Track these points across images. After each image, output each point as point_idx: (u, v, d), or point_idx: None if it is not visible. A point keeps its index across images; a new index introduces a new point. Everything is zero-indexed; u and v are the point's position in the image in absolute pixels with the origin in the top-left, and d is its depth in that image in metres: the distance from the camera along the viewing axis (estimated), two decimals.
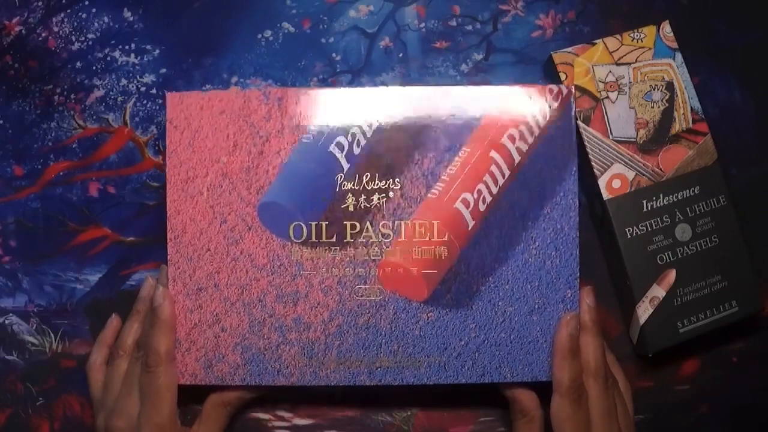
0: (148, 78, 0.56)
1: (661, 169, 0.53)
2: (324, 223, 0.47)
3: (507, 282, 0.48)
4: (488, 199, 0.48)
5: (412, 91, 0.48)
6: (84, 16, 0.57)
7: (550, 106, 0.48)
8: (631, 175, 0.52)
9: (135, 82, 0.56)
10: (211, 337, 0.48)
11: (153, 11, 0.57)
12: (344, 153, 0.47)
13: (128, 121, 0.56)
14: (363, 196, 0.48)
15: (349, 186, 0.48)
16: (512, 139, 0.48)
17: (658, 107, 0.53)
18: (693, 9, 0.57)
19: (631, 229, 0.52)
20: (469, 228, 0.47)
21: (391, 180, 0.48)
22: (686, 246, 0.52)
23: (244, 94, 0.48)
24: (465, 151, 0.48)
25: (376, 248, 0.48)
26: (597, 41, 0.54)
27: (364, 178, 0.48)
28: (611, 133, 0.53)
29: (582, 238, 0.55)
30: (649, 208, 0.52)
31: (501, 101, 0.48)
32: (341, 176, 0.48)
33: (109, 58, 0.57)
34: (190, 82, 0.56)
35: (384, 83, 0.57)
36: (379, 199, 0.48)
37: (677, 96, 0.53)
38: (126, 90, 0.56)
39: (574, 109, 0.48)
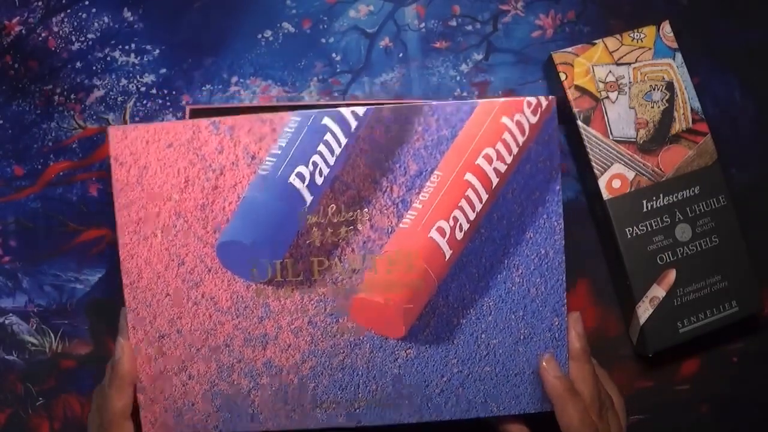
0: (148, 78, 0.56)
1: (661, 169, 0.53)
2: (289, 261, 0.44)
3: (489, 313, 0.45)
4: (465, 226, 0.44)
5: (375, 112, 0.44)
6: (84, 16, 0.57)
7: (529, 121, 0.45)
8: (631, 175, 0.52)
9: (135, 82, 0.56)
10: (178, 385, 0.45)
11: (153, 11, 0.57)
12: (306, 184, 0.44)
13: (128, 121, 0.56)
14: (329, 230, 0.45)
15: (314, 219, 0.44)
16: (489, 159, 0.44)
17: (658, 107, 0.53)
18: (693, 9, 0.57)
19: (631, 229, 0.52)
20: (447, 258, 0.44)
21: (358, 211, 0.45)
22: (686, 246, 0.52)
23: (192, 124, 0.45)
24: (437, 176, 0.44)
25: (347, 285, 0.45)
26: (597, 41, 0.54)
27: (330, 210, 0.44)
28: (611, 133, 0.53)
29: (582, 238, 0.56)
30: (649, 208, 0.52)
31: (474, 118, 0.44)
32: (304, 209, 0.44)
33: (109, 58, 0.57)
34: (190, 82, 0.56)
35: (384, 83, 0.57)
36: (346, 232, 0.45)
37: (677, 96, 0.53)
38: (126, 90, 0.56)
39: (556, 122, 0.45)
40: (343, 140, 0.44)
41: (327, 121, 0.44)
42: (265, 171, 0.44)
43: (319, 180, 0.44)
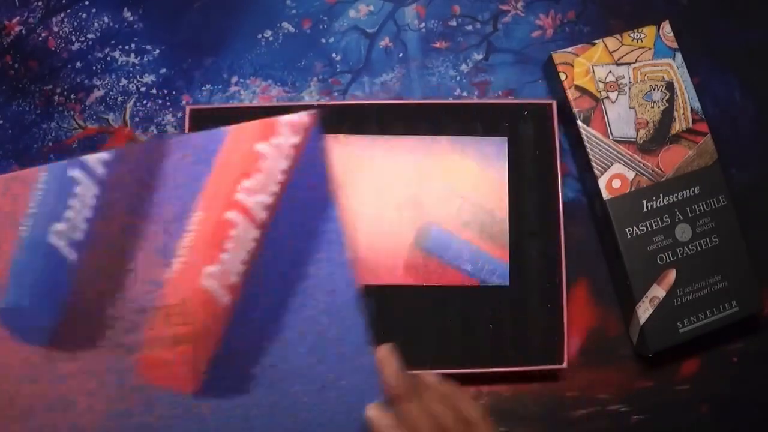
0: (148, 78, 0.56)
1: (661, 169, 0.53)
2: (68, 323, 0.41)
3: (284, 360, 0.41)
4: (238, 268, 0.40)
5: (120, 155, 0.40)
6: (84, 16, 0.57)
7: (289, 143, 0.40)
8: (631, 175, 0.52)
9: (135, 82, 0.56)
10: None
11: (153, 11, 0.57)
12: (66, 242, 0.41)
13: (128, 121, 0.56)
14: (99, 286, 0.41)
15: (83, 278, 0.41)
16: (249, 192, 0.40)
17: (658, 107, 0.53)
18: (693, 9, 0.57)
19: (631, 229, 0.52)
20: (224, 305, 0.41)
21: (123, 264, 0.41)
22: (686, 246, 0.52)
23: None
24: (197, 216, 0.40)
25: (129, 343, 0.41)
26: (597, 41, 0.54)
27: (95, 265, 0.41)
28: (611, 133, 0.53)
29: (582, 238, 0.56)
30: (649, 208, 0.52)
31: (226, 148, 0.40)
32: (69, 268, 0.41)
33: (109, 58, 0.57)
34: (190, 82, 0.56)
35: (384, 83, 0.57)
36: (114, 289, 0.41)
37: (677, 96, 0.53)
38: (126, 90, 0.56)
39: (322, 140, 0.40)
40: (94, 190, 0.41)
41: (73, 173, 0.41)
42: (25, 232, 0.41)
43: (78, 236, 0.41)
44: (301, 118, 0.40)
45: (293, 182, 0.40)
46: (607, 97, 0.53)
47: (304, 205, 0.40)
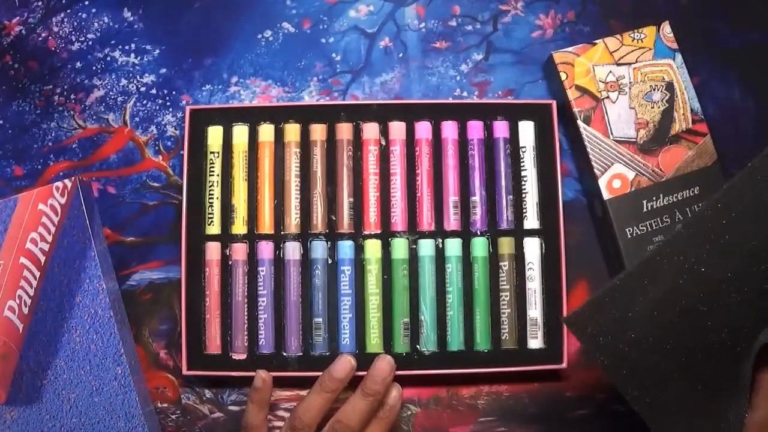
0: (148, 78, 0.56)
1: (661, 169, 0.53)
2: None
3: (63, 372, 0.51)
4: (28, 301, 0.51)
5: None
6: (84, 16, 0.57)
7: (59, 203, 0.52)
8: (631, 175, 0.53)
9: (135, 82, 0.56)
10: None
11: (153, 11, 0.57)
12: None
13: (128, 121, 0.56)
14: None
15: None
16: (35, 242, 0.51)
17: (658, 107, 0.53)
18: (693, 9, 0.58)
19: (631, 229, 0.52)
20: (20, 331, 0.51)
21: None
22: None
23: None
24: (0, 264, 0.51)
25: None
26: (597, 41, 0.54)
27: None
28: (611, 133, 0.53)
29: (582, 238, 0.56)
30: (649, 208, 0.52)
31: (19, 209, 0.52)
32: None
33: (109, 58, 0.57)
34: (190, 82, 0.56)
35: (384, 83, 0.57)
36: None
37: (677, 96, 0.53)
38: (126, 90, 0.56)
39: (81, 199, 0.52)
40: None
41: None
42: None
43: None
44: (68, 183, 0.52)
45: (62, 232, 0.52)
46: (608, 97, 0.53)
47: (70, 249, 0.52)
